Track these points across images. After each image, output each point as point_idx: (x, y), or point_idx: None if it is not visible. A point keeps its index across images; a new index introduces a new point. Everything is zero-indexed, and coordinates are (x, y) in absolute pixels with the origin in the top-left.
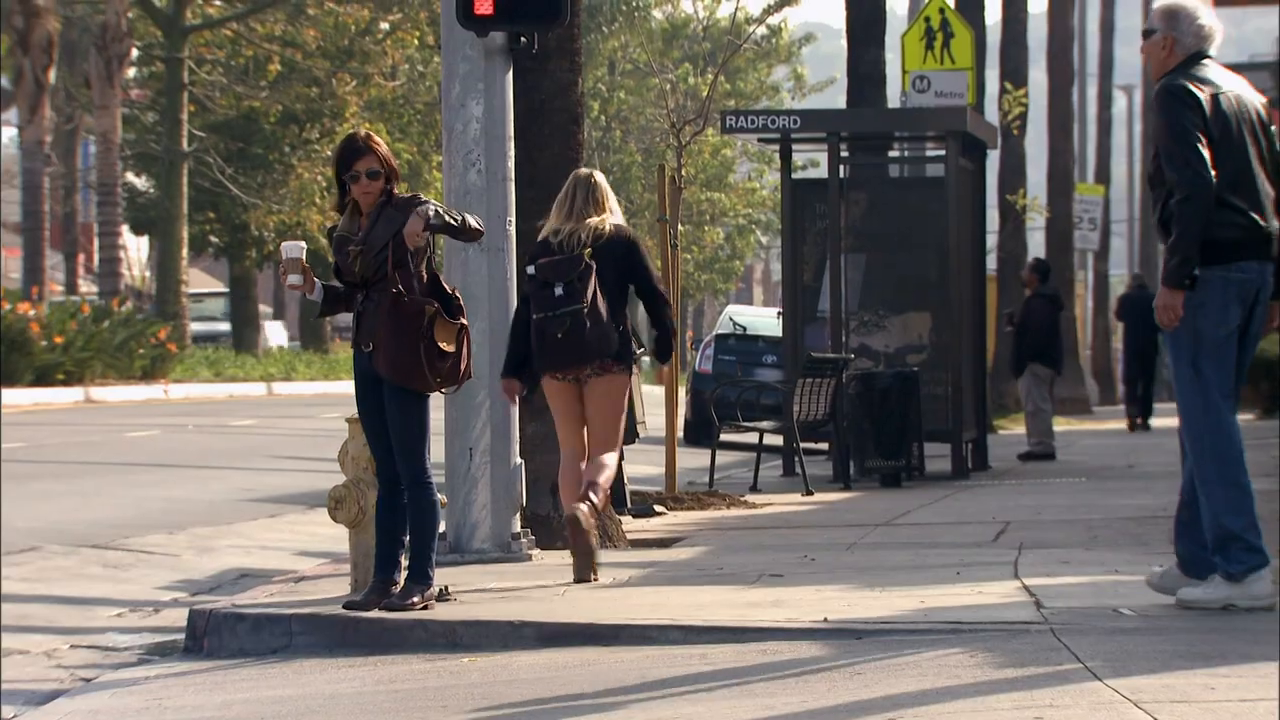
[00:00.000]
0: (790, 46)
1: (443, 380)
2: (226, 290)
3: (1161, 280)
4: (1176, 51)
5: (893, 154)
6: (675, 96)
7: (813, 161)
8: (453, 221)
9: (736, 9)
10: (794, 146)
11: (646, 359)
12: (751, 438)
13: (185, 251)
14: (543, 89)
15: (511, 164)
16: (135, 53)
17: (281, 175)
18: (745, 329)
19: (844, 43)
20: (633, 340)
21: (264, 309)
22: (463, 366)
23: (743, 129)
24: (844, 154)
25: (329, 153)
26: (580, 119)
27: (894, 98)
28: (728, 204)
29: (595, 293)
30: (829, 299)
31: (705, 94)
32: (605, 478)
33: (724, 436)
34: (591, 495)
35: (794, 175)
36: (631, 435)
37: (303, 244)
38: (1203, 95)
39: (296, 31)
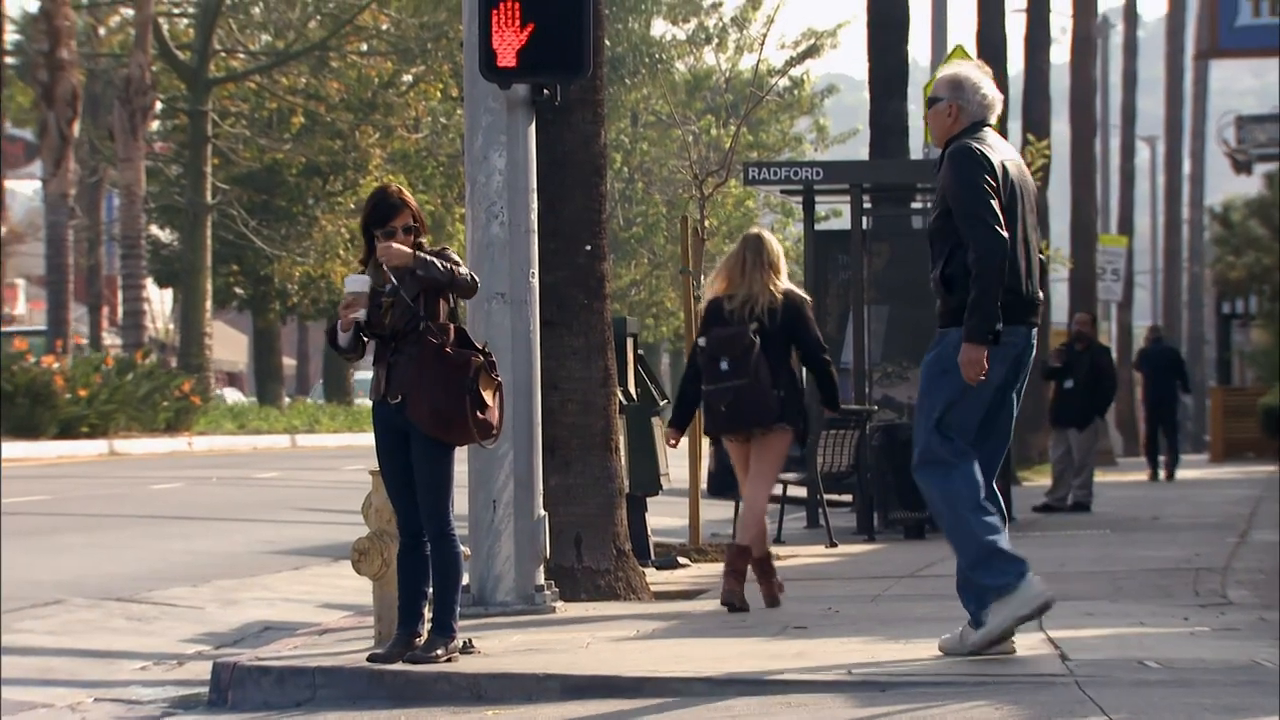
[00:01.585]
0: (813, 98)
1: (481, 432)
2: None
3: (965, 337)
4: (961, 119)
5: (916, 205)
6: (698, 148)
7: (835, 212)
8: (439, 272)
9: (759, 61)
10: (817, 198)
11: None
12: (775, 489)
13: (209, 304)
14: (565, 141)
15: (534, 216)
16: (159, 106)
17: (305, 227)
18: None
19: (866, 94)
20: (797, 399)
21: (286, 361)
22: (498, 418)
23: (765, 180)
24: (867, 205)
25: (353, 205)
26: (603, 170)
27: (917, 149)
28: None
29: (758, 366)
30: (852, 350)
31: (728, 145)
32: (751, 537)
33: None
34: (745, 536)
35: (817, 226)
36: (654, 487)
37: (366, 278)
38: (994, 159)
39: (320, 84)
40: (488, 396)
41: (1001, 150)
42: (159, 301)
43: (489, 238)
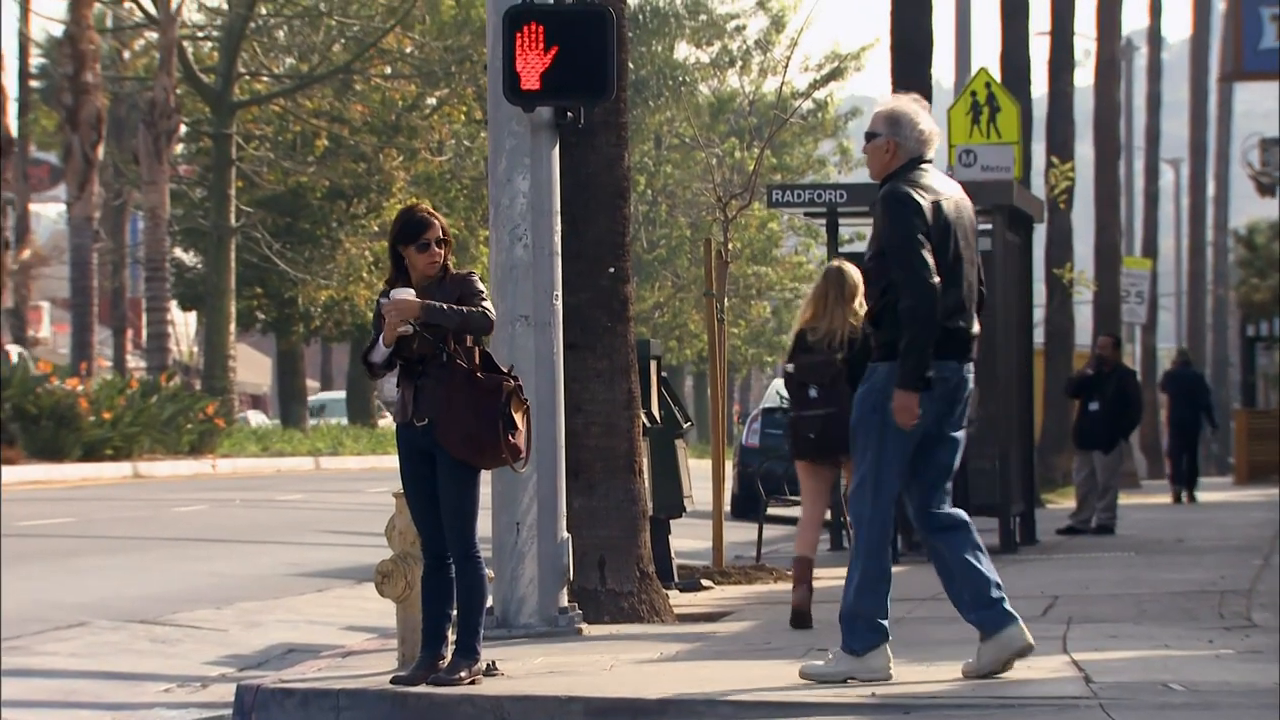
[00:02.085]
0: (836, 121)
1: (511, 456)
2: None
3: (897, 384)
4: (899, 155)
5: None
6: (721, 170)
7: (859, 235)
8: (447, 318)
9: (783, 84)
10: (840, 220)
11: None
12: (799, 512)
13: (233, 327)
14: (589, 163)
15: (558, 238)
16: (183, 129)
17: (329, 250)
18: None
19: None
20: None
21: (310, 383)
22: (526, 442)
23: (789, 203)
24: None
25: (376, 228)
26: (627, 193)
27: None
28: (774, 278)
29: (844, 395)
30: None
31: (751, 168)
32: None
33: (771, 510)
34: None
35: (841, 249)
36: (678, 509)
37: (411, 291)
38: (925, 202)
39: (344, 107)
40: (518, 420)
41: (936, 188)
42: (183, 324)
43: (513, 260)
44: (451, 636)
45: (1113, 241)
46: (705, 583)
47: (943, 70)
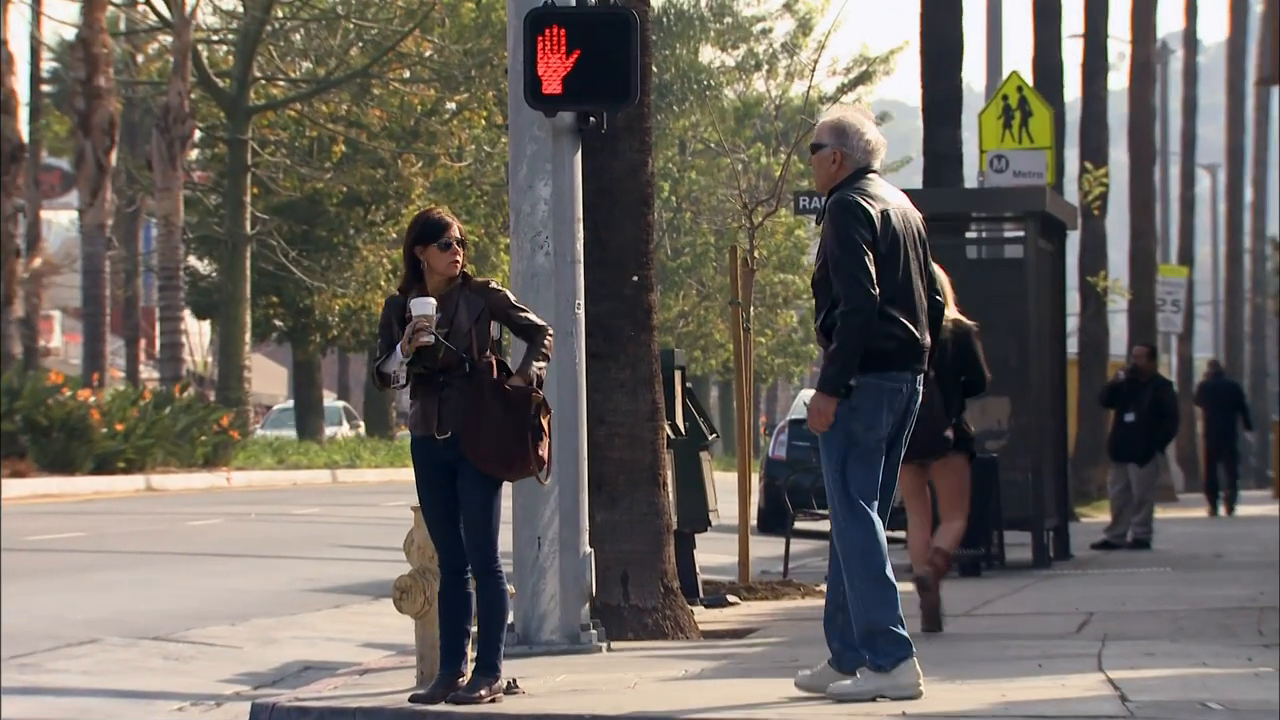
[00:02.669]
0: None
1: (538, 467)
2: None
3: (817, 386)
4: (846, 165)
5: (970, 235)
6: (747, 176)
7: None
8: (542, 367)
9: (810, 87)
10: None
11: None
12: (827, 526)
13: (248, 336)
14: (612, 169)
15: (580, 246)
16: (198, 134)
17: (346, 258)
18: None
19: (920, 121)
20: (966, 432)
21: (327, 394)
22: (549, 453)
23: (817, 210)
24: None
25: (394, 235)
26: (650, 200)
27: (971, 177)
28: (801, 286)
29: (931, 395)
30: None
31: (778, 174)
32: (949, 542)
33: (798, 524)
34: (936, 559)
35: None
36: (703, 523)
37: (432, 300)
38: (873, 211)
39: (361, 112)
40: (545, 430)
41: (884, 197)
42: (197, 334)
43: (534, 268)
44: (471, 653)
45: (1148, 249)
46: (731, 599)
47: (974, 73)
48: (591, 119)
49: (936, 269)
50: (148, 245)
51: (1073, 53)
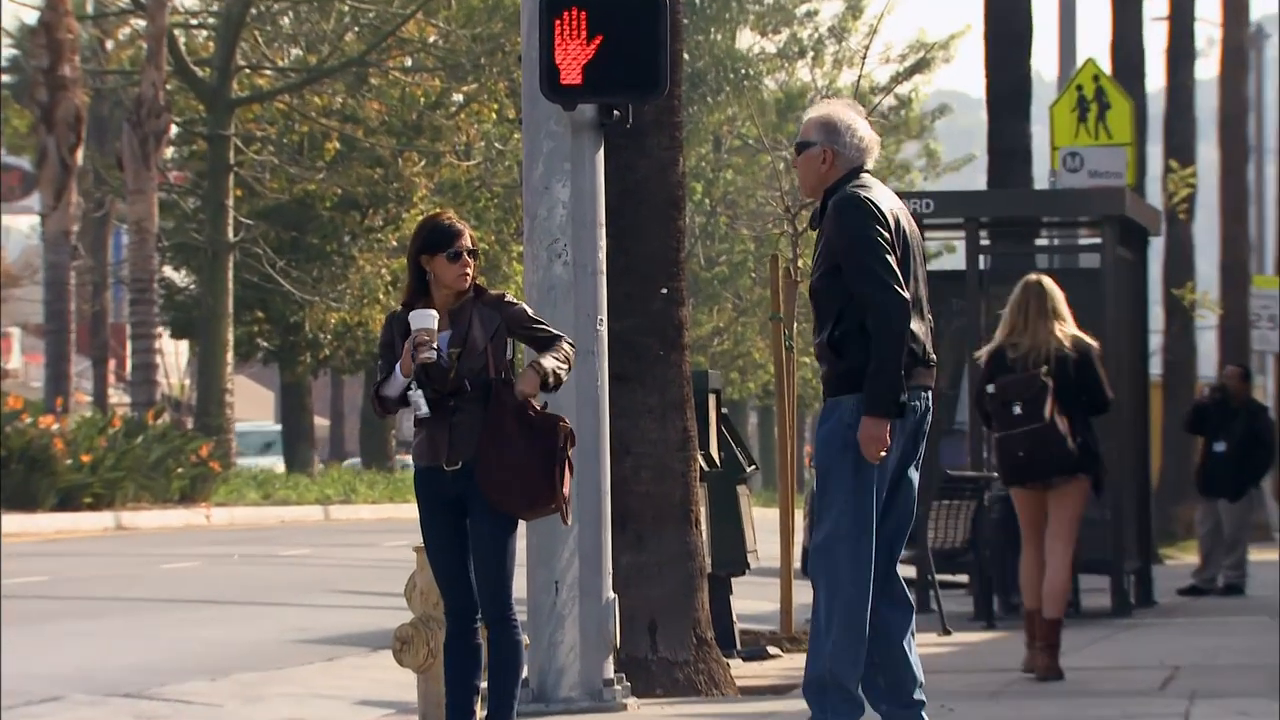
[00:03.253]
0: (922, 119)
1: (565, 504)
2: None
3: (867, 409)
4: (837, 165)
5: (1040, 242)
6: (790, 177)
7: (948, 249)
8: (559, 378)
9: (860, 77)
10: (926, 233)
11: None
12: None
13: (230, 356)
14: (638, 169)
15: (603, 255)
16: (174, 130)
17: (340, 268)
18: None
19: (984, 115)
20: (1094, 446)
21: (319, 420)
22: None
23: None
24: (984, 242)
25: (395, 243)
26: (681, 203)
27: (1041, 177)
28: None
29: (1053, 411)
30: (968, 408)
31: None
32: (1056, 605)
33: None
34: (1049, 637)
35: (927, 266)
36: (741, 566)
37: (434, 313)
38: (885, 210)
39: (357, 105)
40: (573, 462)
41: (886, 198)
42: (173, 353)
43: (551, 279)
44: (481, 712)
45: (1240, 258)
46: (772, 650)
47: (1044, 61)
48: (615, 112)
49: (1047, 280)
50: (118, 254)
51: (1156, 37)
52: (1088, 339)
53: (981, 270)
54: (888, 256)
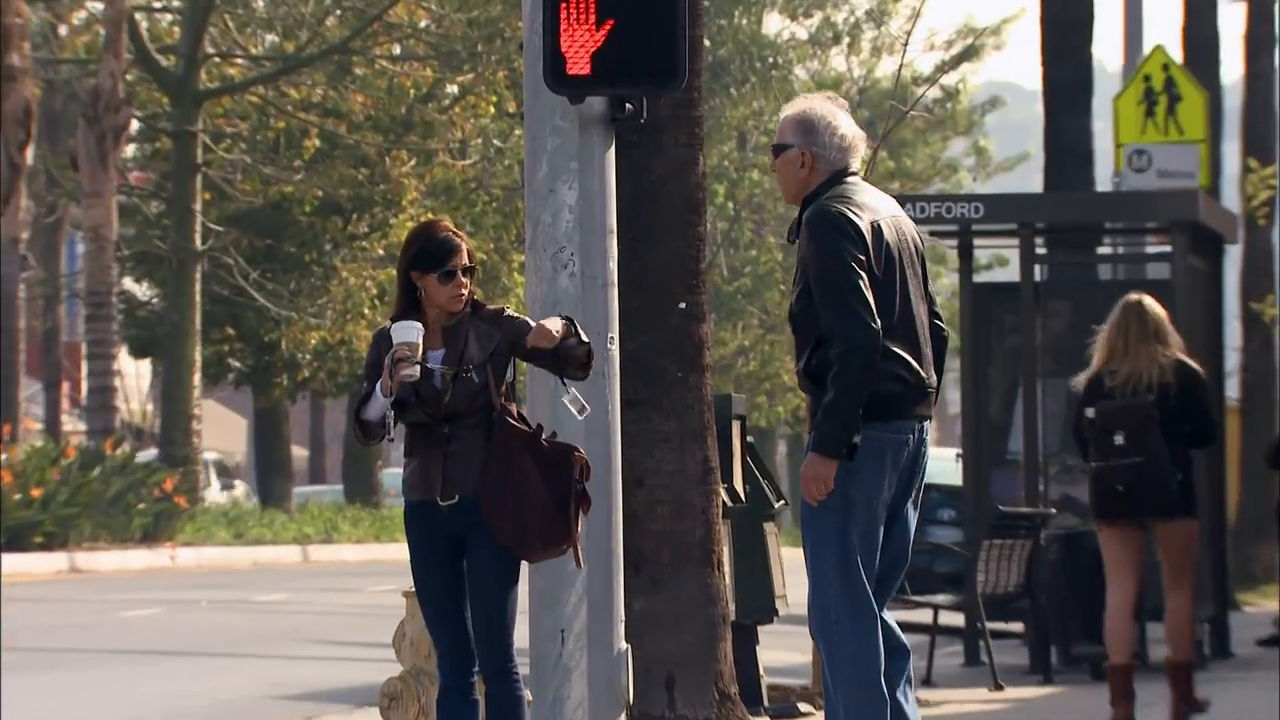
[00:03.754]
0: (971, 113)
1: (576, 545)
2: None
3: (811, 445)
4: (818, 168)
5: (1103, 250)
6: None
7: (1000, 260)
8: (588, 344)
9: (901, 66)
10: (976, 241)
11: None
12: (923, 616)
13: (198, 378)
14: (654, 169)
15: (614, 265)
16: (135, 125)
17: (321, 280)
18: None
19: (1040, 108)
20: (1194, 483)
21: (297, 450)
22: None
23: (910, 219)
24: (1040, 250)
25: (382, 251)
26: (701, 206)
27: (1104, 178)
28: None
29: (1157, 441)
30: (1022, 437)
31: (862, 174)
32: (1183, 647)
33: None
34: (1178, 648)
35: (976, 278)
36: (768, 612)
37: (417, 325)
38: (862, 223)
39: (340, 97)
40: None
41: (872, 206)
42: (134, 375)
43: (556, 292)
44: None
45: None
46: (803, 707)
47: (1107, 48)
48: (628, 106)
49: (1148, 299)
50: (72, 264)
51: (1233, 21)
52: (1193, 364)
53: (1037, 283)
54: (859, 282)
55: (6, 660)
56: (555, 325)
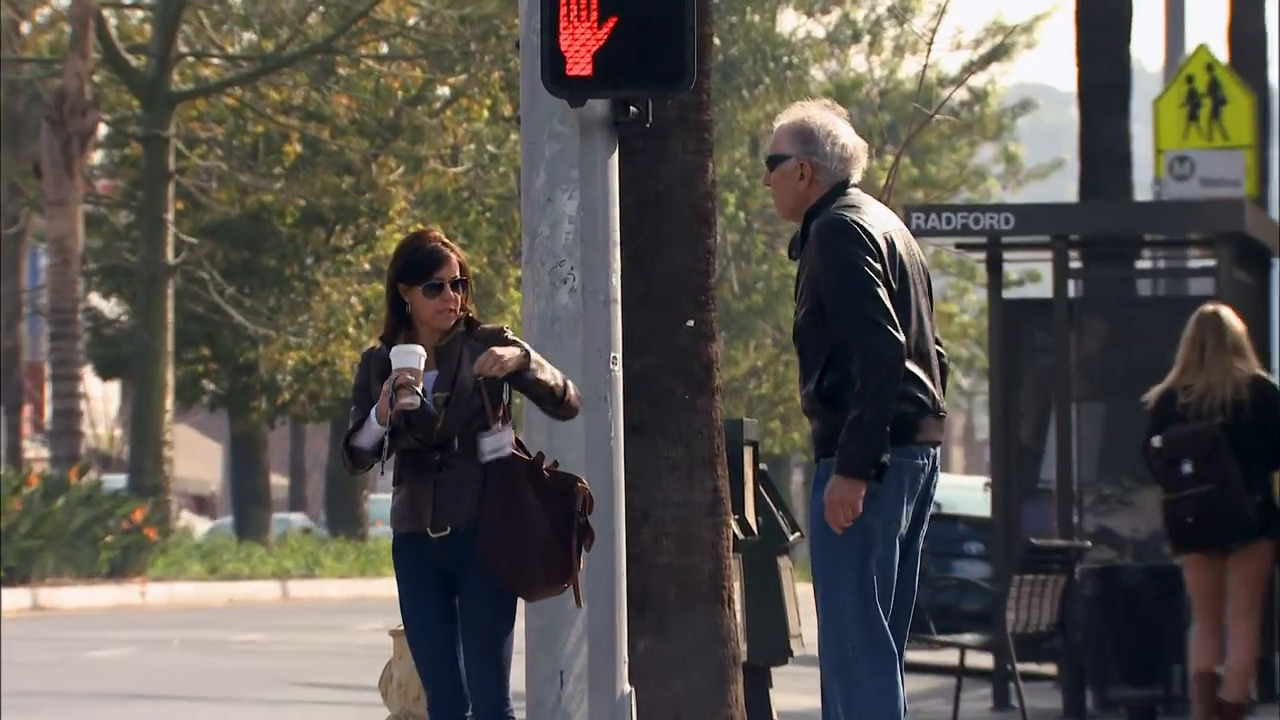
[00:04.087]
0: (1000, 117)
1: (578, 583)
2: None
3: (837, 468)
4: (819, 180)
5: (1142, 264)
6: None
7: (1032, 276)
8: (551, 381)
9: (926, 66)
10: (1005, 254)
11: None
12: (949, 657)
13: (170, 402)
14: (660, 177)
15: (617, 280)
16: (103, 130)
17: (302, 296)
18: (940, 505)
19: (1074, 112)
20: (1276, 504)
21: (276, 479)
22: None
23: (935, 231)
24: (1075, 264)
25: (368, 265)
26: (711, 216)
27: (1144, 186)
28: None
29: (1227, 468)
30: (1055, 464)
31: (883, 182)
32: (1238, 689)
33: (911, 655)
34: (1232, 688)
35: (1005, 293)
36: (782, 653)
37: (418, 349)
38: (876, 233)
39: (323, 100)
40: (591, 531)
41: (880, 218)
42: (101, 398)
43: (555, 310)
44: None
45: None
46: None
47: (1147, 48)
48: (633, 109)
49: (1226, 310)
50: (35, 279)
51: None
52: (1271, 379)
53: (1071, 299)
54: (878, 291)
55: None
56: (507, 353)
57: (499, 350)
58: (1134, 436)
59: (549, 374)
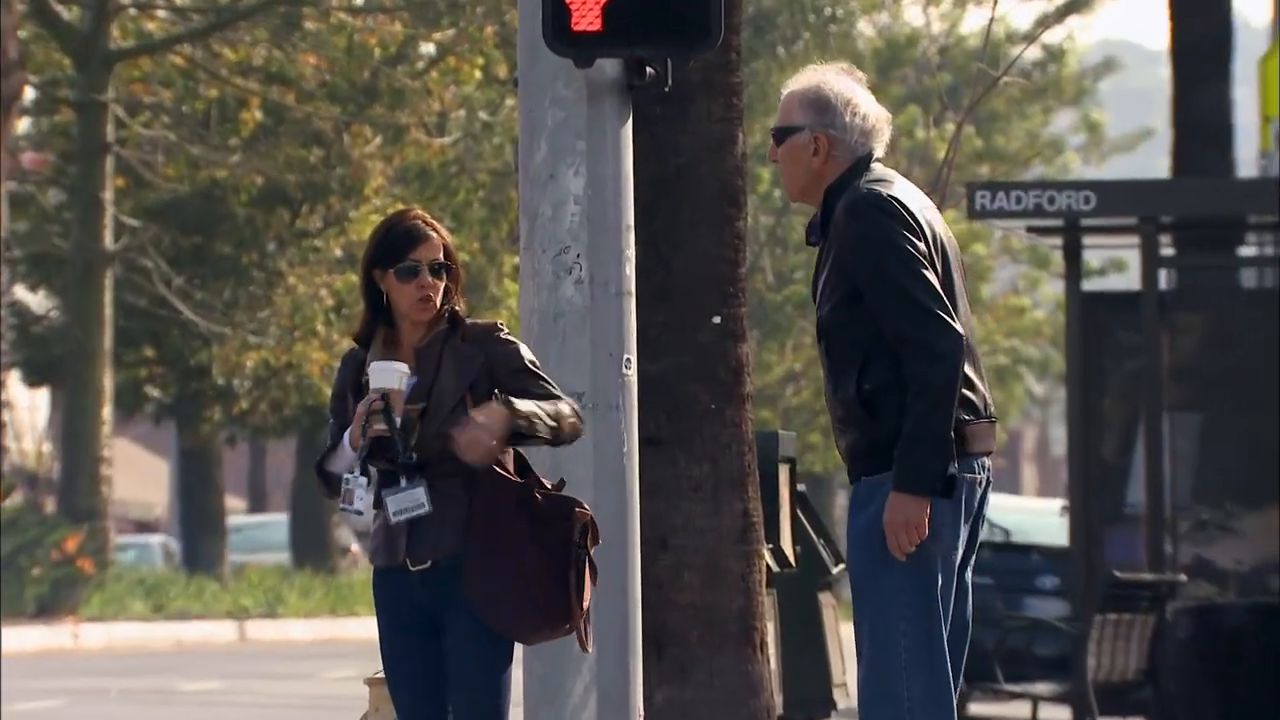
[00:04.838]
0: (1080, 79)
1: (583, 622)
2: None
3: (897, 484)
4: (836, 155)
5: (1245, 251)
6: (895, 158)
7: (1117, 264)
8: (544, 432)
9: (992, 19)
10: (1085, 239)
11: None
12: (1020, 709)
13: (108, 411)
14: (682, 149)
15: (631, 270)
16: (30, 94)
17: (263, 288)
18: (1009, 533)
19: (1166, 73)
20: None
21: (232, 502)
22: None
23: (1003, 212)
24: (1167, 251)
25: (339, 251)
26: (740, 196)
27: (1248, 160)
28: (981, 332)
29: None
30: (1145, 484)
31: (942, 155)
32: None
33: (975, 708)
34: None
35: (1086, 285)
36: (824, 704)
37: (401, 366)
38: (915, 211)
39: (287, 59)
40: (594, 564)
41: (915, 196)
42: (28, 408)
43: (558, 304)
44: None
45: None
46: None
47: (1250, 1)
48: (649, 70)
49: None
50: None
51: None
52: None
53: (1163, 291)
54: (926, 274)
55: None
56: (490, 421)
57: (480, 416)
58: (1236, 452)
59: (542, 424)
